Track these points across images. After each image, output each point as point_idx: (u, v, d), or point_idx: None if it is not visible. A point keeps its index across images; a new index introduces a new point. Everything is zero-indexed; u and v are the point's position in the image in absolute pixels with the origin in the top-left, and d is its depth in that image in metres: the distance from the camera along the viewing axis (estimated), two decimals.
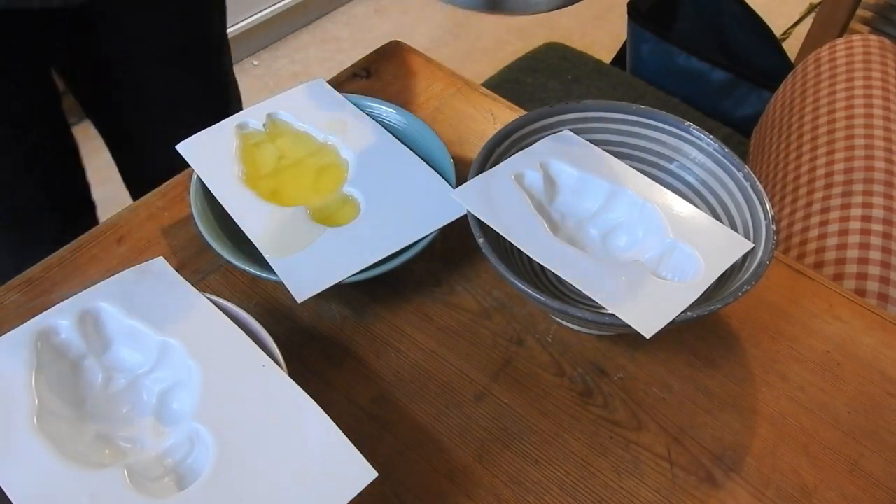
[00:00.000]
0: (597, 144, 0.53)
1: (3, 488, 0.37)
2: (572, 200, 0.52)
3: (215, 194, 0.51)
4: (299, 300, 0.46)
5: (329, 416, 0.39)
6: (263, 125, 0.57)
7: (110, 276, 0.45)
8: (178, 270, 0.45)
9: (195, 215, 0.50)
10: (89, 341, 0.43)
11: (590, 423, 0.47)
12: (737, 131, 1.15)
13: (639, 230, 0.50)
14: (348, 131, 0.56)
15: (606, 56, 1.43)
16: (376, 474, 0.38)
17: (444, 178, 0.53)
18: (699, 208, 0.51)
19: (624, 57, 1.41)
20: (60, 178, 0.76)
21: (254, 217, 0.50)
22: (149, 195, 0.58)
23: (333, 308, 0.52)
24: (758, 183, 0.49)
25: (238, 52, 1.61)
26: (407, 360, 0.49)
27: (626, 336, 0.50)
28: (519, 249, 0.46)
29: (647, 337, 0.41)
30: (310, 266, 0.47)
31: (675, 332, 0.51)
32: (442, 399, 0.47)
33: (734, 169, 0.50)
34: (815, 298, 0.53)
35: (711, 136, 0.52)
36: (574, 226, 0.52)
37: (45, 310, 0.43)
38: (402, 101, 0.64)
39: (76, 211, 0.75)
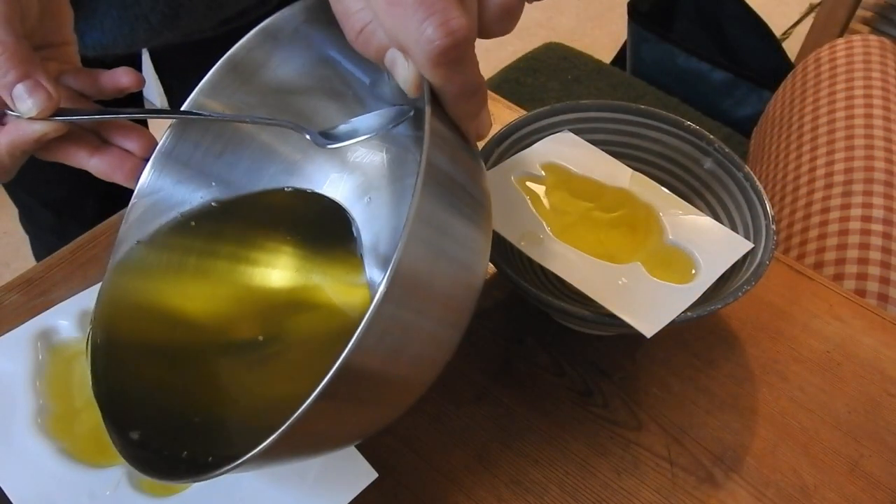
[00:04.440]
0: (597, 144, 0.53)
1: (3, 488, 0.37)
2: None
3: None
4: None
5: None
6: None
7: None
8: None
9: None
10: None
11: (590, 423, 0.47)
12: (737, 131, 1.15)
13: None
14: None
15: (606, 56, 1.43)
16: (376, 475, 0.38)
17: None
18: (699, 208, 0.51)
19: (624, 57, 1.41)
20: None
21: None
22: None
23: None
24: (758, 183, 0.49)
25: None
26: None
27: (626, 336, 0.50)
28: (519, 249, 0.46)
29: (648, 336, 0.41)
30: None
31: (675, 332, 0.51)
32: (442, 399, 0.47)
33: (734, 169, 0.50)
34: (815, 298, 0.53)
35: (711, 136, 0.52)
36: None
37: (45, 310, 0.43)
38: None
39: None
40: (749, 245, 0.47)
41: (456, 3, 0.28)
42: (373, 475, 0.38)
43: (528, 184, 0.50)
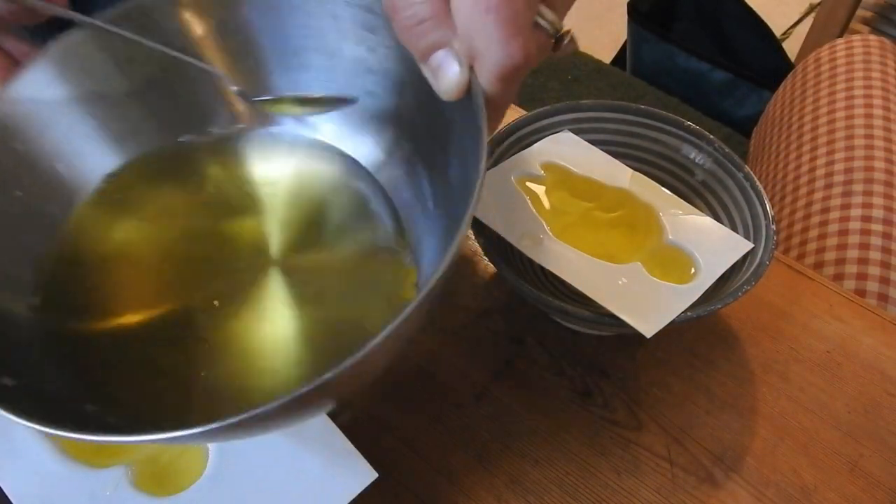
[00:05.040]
0: (597, 144, 0.53)
1: (3, 488, 0.37)
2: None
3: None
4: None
5: (328, 416, 0.39)
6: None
7: None
8: None
9: None
10: None
11: (590, 423, 0.47)
12: (737, 131, 1.15)
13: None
14: None
15: (606, 56, 1.43)
16: (376, 475, 0.38)
17: None
18: (699, 208, 0.51)
19: (624, 57, 1.41)
20: None
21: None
22: None
23: None
24: (758, 183, 0.49)
25: None
26: (407, 361, 0.49)
27: (626, 336, 0.50)
28: (519, 249, 0.46)
29: (648, 336, 0.41)
30: None
31: (675, 332, 0.51)
32: (442, 399, 0.47)
33: (734, 169, 0.50)
34: (815, 298, 0.53)
35: (711, 136, 0.52)
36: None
37: None
38: None
39: None
40: (749, 245, 0.47)
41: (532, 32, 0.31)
42: (373, 475, 0.38)
43: (528, 184, 0.50)
